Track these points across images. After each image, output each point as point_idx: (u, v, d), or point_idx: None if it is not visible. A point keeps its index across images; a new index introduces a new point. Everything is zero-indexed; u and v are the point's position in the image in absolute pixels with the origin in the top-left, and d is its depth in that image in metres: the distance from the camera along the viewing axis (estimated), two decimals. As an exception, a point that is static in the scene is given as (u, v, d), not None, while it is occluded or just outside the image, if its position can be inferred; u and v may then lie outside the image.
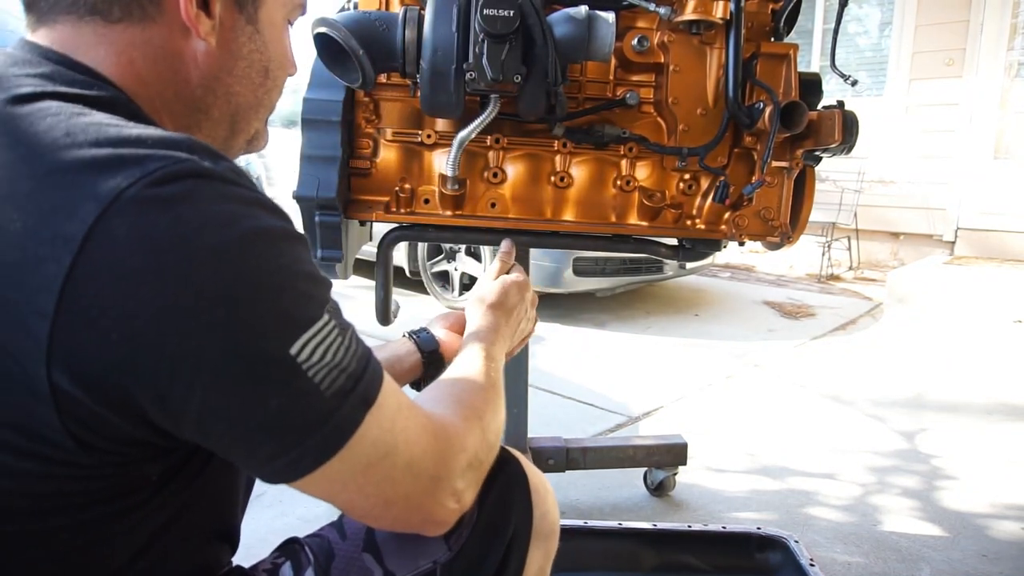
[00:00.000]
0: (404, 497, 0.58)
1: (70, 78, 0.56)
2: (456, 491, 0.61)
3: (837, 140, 1.15)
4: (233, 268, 0.48)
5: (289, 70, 0.74)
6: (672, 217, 1.29)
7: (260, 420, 0.50)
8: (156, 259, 0.46)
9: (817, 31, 6.07)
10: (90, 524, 0.55)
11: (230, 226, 0.49)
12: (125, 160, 0.48)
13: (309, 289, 0.53)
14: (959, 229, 5.36)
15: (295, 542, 0.75)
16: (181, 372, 0.48)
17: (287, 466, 0.52)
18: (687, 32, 1.23)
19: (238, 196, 0.51)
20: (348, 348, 0.54)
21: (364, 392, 0.54)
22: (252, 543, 1.34)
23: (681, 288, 4.96)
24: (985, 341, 3.74)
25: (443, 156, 1.24)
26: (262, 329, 0.49)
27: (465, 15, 1.04)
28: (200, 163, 0.50)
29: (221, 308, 0.48)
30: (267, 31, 0.68)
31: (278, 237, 0.52)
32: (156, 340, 0.47)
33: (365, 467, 0.55)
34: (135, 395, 0.49)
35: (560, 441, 1.89)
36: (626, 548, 1.57)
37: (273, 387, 0.50)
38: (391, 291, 1.38)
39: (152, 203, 0.47)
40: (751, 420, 2.62)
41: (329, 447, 0.52)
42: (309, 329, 0.51)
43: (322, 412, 0.52)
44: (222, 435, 0.51)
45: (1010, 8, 5.05)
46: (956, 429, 2.54)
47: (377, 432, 0.55)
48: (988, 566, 1.68)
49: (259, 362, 0.49)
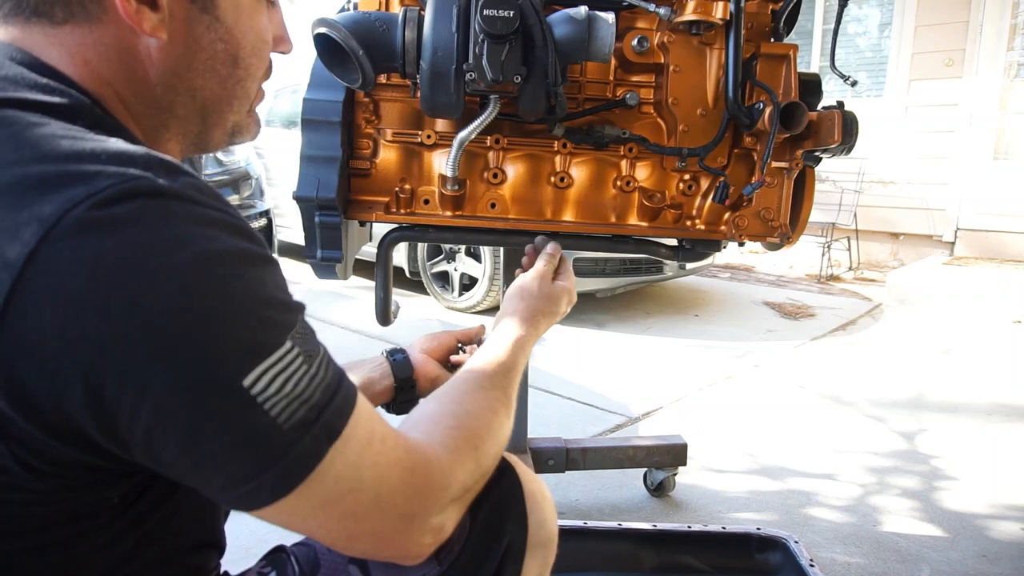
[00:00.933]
0: (370, 534, 0.55)
1: (33, 82, 0.53)
2: (432, 528, 0.58)
3: (837, 141, 1.15)
4: (182, 294, 0.45)
5: (281, 48, 0.69)
6: (672, 217, 1.29)
7: (211, 452, 0.47)
8: (100, 284, 0.44)
9: (817, 31, 6.08)
10: (51, 547, 0.53)
11: (182, 249, 0.46)
12: (72, 177, 0.46)
13: (270, 315, 0.49)
14: (959, 229, 5.36)
15: (282, 550, 0.73)
16: (124, 402, 0.45)
17: (241, 498, 0.49)
18: (687, 33, 1.23)
19: (195, 216, 0.48)
20: (314, 377, 0.51)
21: (329, 424, 0.51)
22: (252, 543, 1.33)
23: (681, 288, 4.96)
24: (985, 341, 3.74)
25: (443, 156, 1.24)
26: (212, 359, 0.46)
27: (465, 15, 1.04)
28: (154, 181, 0.47)
29: (168, 337, 0.45)
30: (230, 16, 0.61)
31: (236, 260, 0.49)
32: (98, 368, 0.44)
33: (325, 503, 0.52)
34: (78, 422, 0.46)
35: (560, 442, 1.89)
36: (626, 549, 1.57)
37: (225, 420, 0.47)
38: (391, 291, 1.38)
39: (98, 225, 0.44)
40: (751, 420, 2.62)
41: (287, 482, 0.49)
42: (267, 359, 0.48)
43: (279, 446, 0.48)
44: (172, 464, 0.48)
45: (1010, 8, 5.05)
46: (956, 429, 2.54)
47: (341, 468, 0.51)
48: (988, 566, 1.68)
49: (209, 394, 0.46)
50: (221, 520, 0.72)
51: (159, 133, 0.63)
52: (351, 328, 3.73)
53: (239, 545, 1.55)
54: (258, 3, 0.64)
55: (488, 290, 3.94)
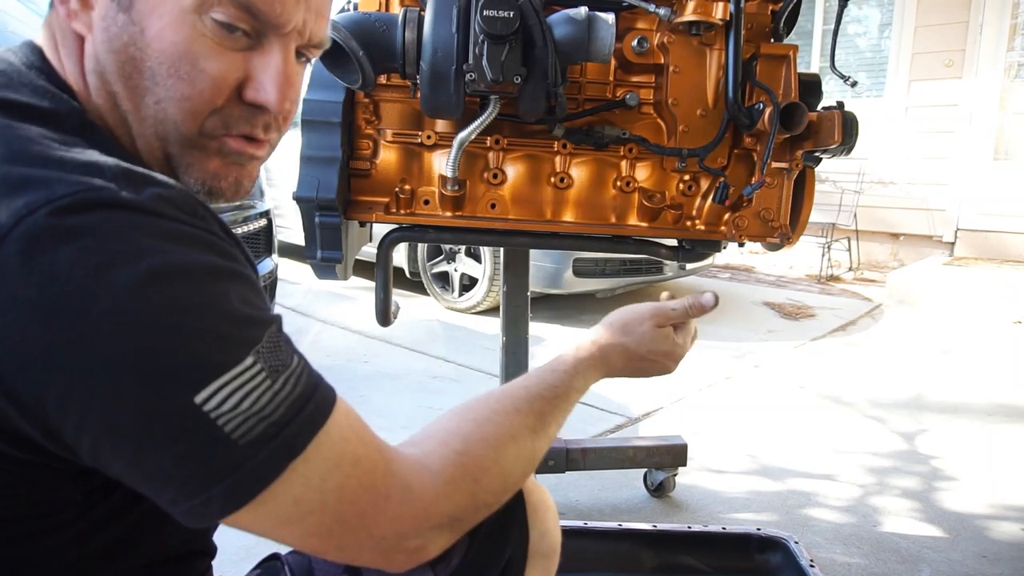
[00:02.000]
0: (337, 548, 0.53)
1: (27, 82, 0.54)
2: (407, 548, 0.55)
3: (837, 141, 1.15)
4: (134, 307, 0.44)
5: (247, 95, 0.58)
6: (672, 218, 1.29)
7: (160, 465, 0.46)
8: (49, 292, 0.43)
9: (817, 32, 6.08)
10: (13, 542, 0.52)
11: (136, 261, 0.44)
12: (32, 183, 0.45)
13: (228, 331, 0.47)
14: (959, 230, 5.36)
15: (276, 558, 0.73)
16: (70, 411, 0.44)
17: (192, 511, 0.48)
18: (687, 33, 1.23)
19: (155, 229, 0.47)
20: (277, 393, 0.48)
21: (289, 441, 0.49)
22: (252, 543, 1.33)
23: (681, 289, 4.96)
24: (985, 342, 3.74)
25: (443, 157, 1.24)
26: (162, 375, 0.45)
27: (465, 16, 1.04)
28: (117, 192, 0.46)
29: (117, 350, 0.44)
30: (145, 20, 0.54)
31: (196, 274, 0.47)
32: (43, 377, 0.43)
33: (284, 521, 0.50)
34: (21, 427, 0.46)
35: (560, 442, 1.89)
36: (626, 549, 1.57)
37: (173, 436, 0.45)
38: (391, 292, 1.38)
39: (52, 233, 0.43)
40: (751, 421, 2.62)
41: (237, 497, 0.47)
42: (223, 375, 0.46)
43: (232, 460, 0.46)
44: (121, 473, 0.47)
45: (1009, 9, 5.05)
46: (956, 430, 2.54)
47: (301, 489, 0.49)
48: (988, 567, 1.68)
49: (157, 411, 0.45)
50: (210, 528, 0.71)
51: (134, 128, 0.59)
52: (351, 328, 3.73)
53: (239, 545, 1.55)
54: (188, 22, 0.54)
55: (488, 290, 3.94)
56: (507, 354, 1.73)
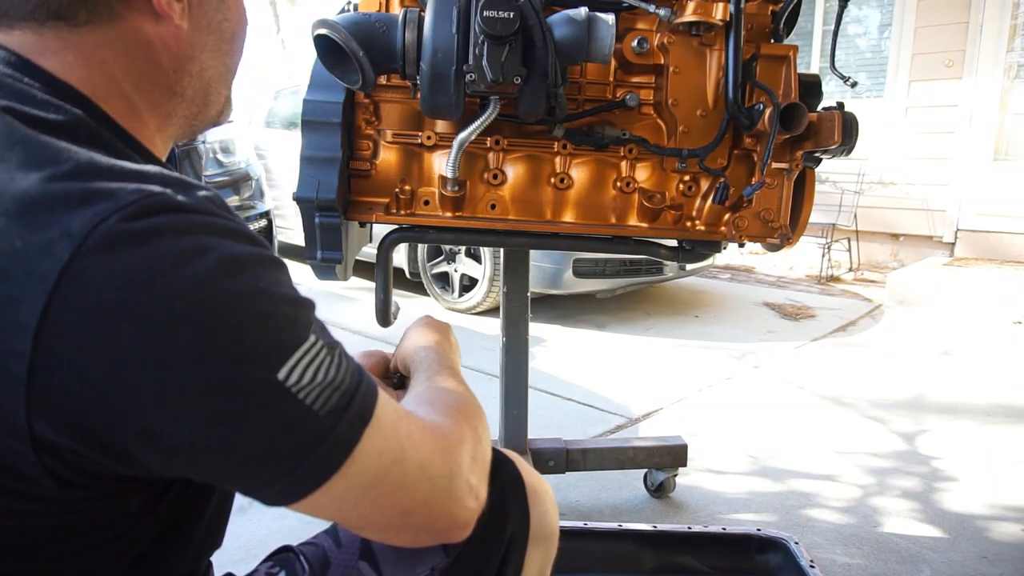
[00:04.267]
0: (423, 503, 0.57)
1: (27, 94, 0.53)
2: (472, 486, 0.61)
3: (837, 141, 1.15)
4: (212, 297, 0.48)
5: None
6: (672, 218, 1.29)
7: (255, 447, 0.49)
8: (132, 294, 0.46)
9: (817, 32, 6.08)
10: (68, 557, 0.54)
11: (204, 256, 0.48)
12: (98, 194, 0.47)
13: (292, 312, 0.52)
14: (959, 230, 5.36)
15: (289, 550, 0.73)
16: (166, 407, 0.47)
17: (287, 488, 0.51)
18: (687, 34, 1.23)
19: (211, 226, 0.50)
20: (340, 366, 0.53)
21: (360, 407, 0.53)
22: (252, 544, 1.34)
23: (681, 289, 4.96)
24: (985, 342, 3.74)
25: (443, 158, 1.24)
26: (247, 357, 0.48)
27: (465, 17, 1.04)
28: (173, 196, 0.50)
29: (203, 339, 0.47)
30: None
31: (255, 264, 0.51)
32: (137, 376, 0.46)
33: (375, 479, 0.54)
34: (118, 433, 0.48)
35: (560, 442, 1.89)
36: (626, 550, 1.57)
37: (264, 414, 0.49)
38: (391, 292, 1.38)
39: (126, 238, 0.46)
40: (751, 421, 2.62)
41: (330, 465, 0.51)
42: (296, 352, 0.50)
43: (318, 431, 0.51)
44: (217, 466, 0.50)
45: (1009, 9, 5.05)
46: (956, 430, 2.54)
47: (381, 443, 0.54)
48: (988, 567, 1.68)
49: (247, 391, 0.48)
50: (225, 523, 0.73)
51: (167, 120, 0.65)
52: (351, 329, 3.73)
53: (239, 545, 1.55)
54: None
55: (488, 291, 3.94)
56: (507, 354, 1.73)
